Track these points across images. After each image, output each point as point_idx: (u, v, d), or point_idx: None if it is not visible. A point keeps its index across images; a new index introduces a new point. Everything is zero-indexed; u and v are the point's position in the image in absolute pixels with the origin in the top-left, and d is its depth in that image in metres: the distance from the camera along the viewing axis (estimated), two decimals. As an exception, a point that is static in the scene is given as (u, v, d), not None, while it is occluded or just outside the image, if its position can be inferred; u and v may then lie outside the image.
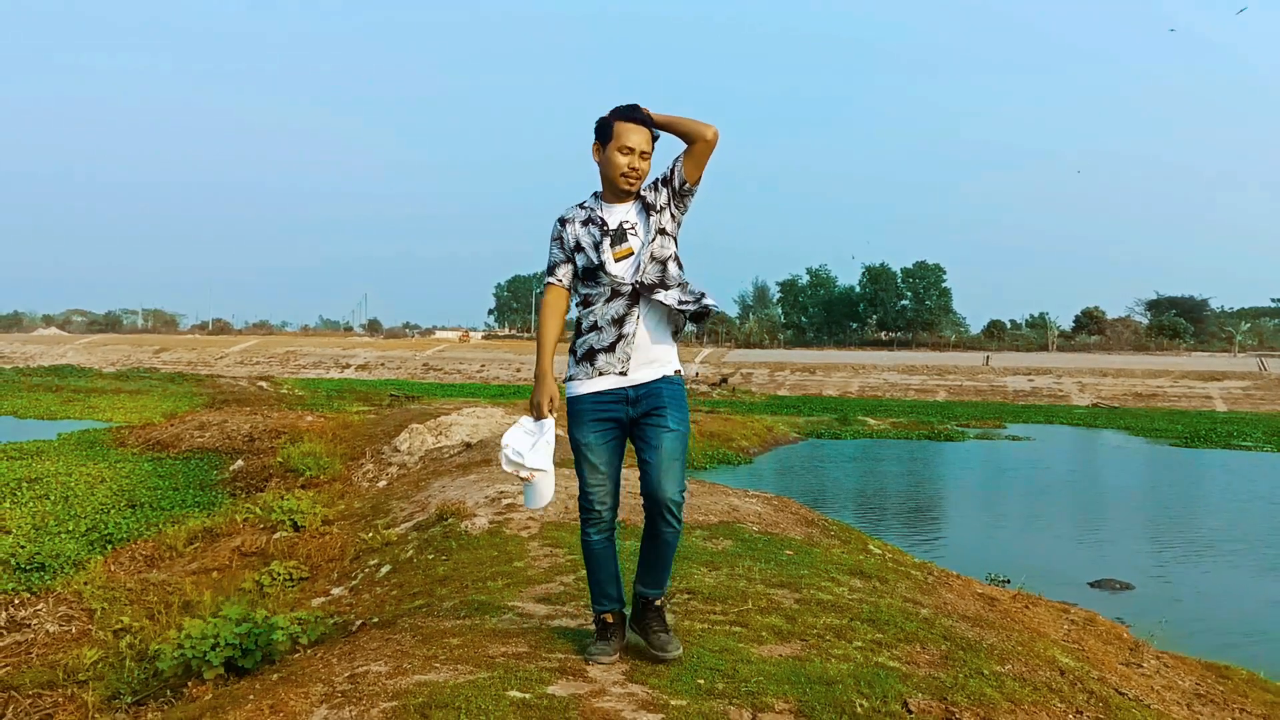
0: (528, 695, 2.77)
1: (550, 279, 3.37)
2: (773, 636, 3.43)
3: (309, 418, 18.38)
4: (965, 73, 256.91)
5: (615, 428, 3.25)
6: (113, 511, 10.54)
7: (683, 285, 3.30)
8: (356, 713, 2.60)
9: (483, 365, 61.50)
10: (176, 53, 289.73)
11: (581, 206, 3.38)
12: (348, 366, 63.73)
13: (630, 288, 3.22)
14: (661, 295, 3.22)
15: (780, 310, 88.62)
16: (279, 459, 12.37)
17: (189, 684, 3.72)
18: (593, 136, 3.33)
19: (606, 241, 3.24)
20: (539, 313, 3.43)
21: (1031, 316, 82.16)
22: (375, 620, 4.11)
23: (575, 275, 3.33)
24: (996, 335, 77.73)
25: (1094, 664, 4.19)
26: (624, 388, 3.22)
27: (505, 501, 6.72)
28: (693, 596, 4.04)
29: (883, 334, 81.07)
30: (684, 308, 3.24)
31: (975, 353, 63.57)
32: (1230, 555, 11.04)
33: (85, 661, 4.50)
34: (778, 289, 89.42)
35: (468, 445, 11.06)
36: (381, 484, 9.99)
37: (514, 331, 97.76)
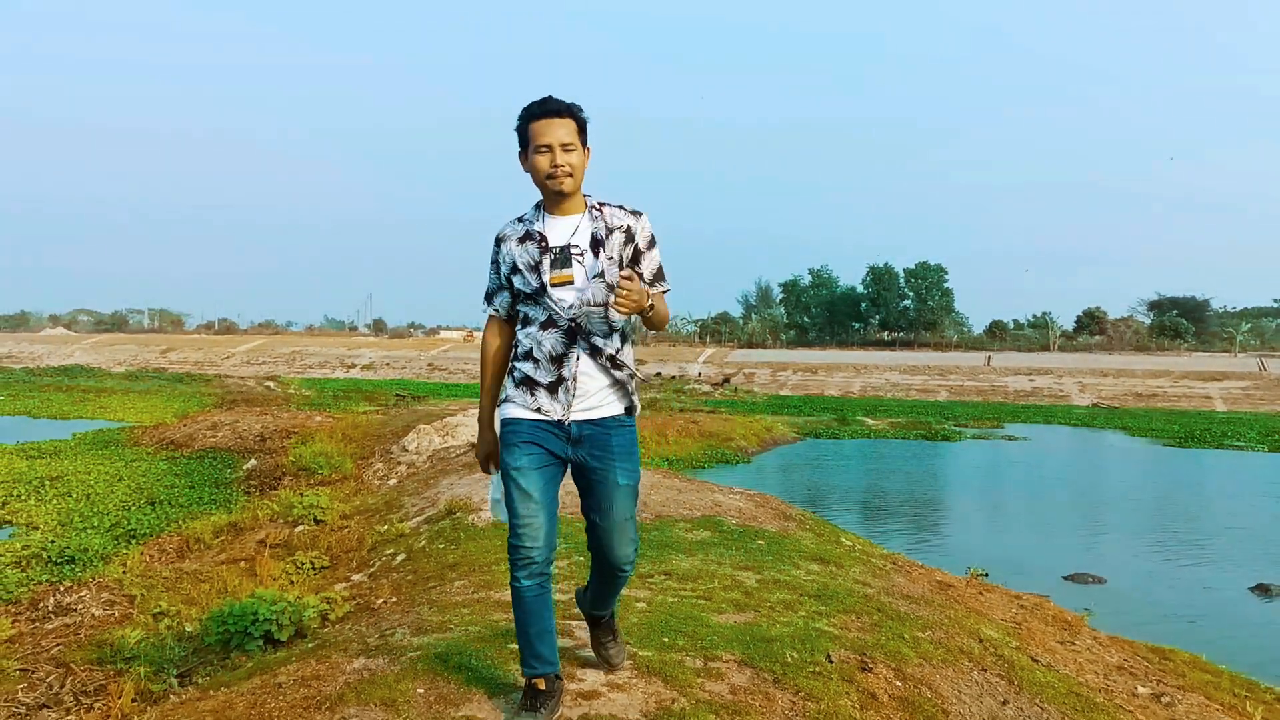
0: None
1: (487, 309, 3.08)
2: (731, 608, 3.99)
3: (318, 418, 18.90)
4: (967, 72, 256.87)
5: (552, 458, 2.89)
6: (133, 509, 11.06)
7: (625, 334, 2.99)
8: (388, 661, 3.21)
9: (487, 365, 62.05)
10: (177, 51, 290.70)
11: (520, 220, 3.00)
12: (353, 366, 64.21)
13: (567, 323, 2.87)
14: (601, 343, 2.90)
15: (783, 310, 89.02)
16: (291, 458, 12.89)
17: (231, 655, 4.22)
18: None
19: (546, 261, 2.88)
20: (481, 343, 3.12)
21: (1034, 316, 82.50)
22: (394, 600, 4.63)
23: (515, 300, 2.99)
24: (998, 335, 78.07)
25: (1024, 639, 4.70)
26: (565, 424, 2.89)
27: None
28: (669, 577, 4.59)
29: (885, 334, 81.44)
30: (619, 374, 2.92)
31: (977, 353, 63.90)
32: (1203, 551, 11.49)
33: (129, 641, 5.01)
34: (780, 289, 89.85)
35: (473, 445, 11.61)
36: (392, 482, 10.53)
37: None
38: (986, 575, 8.60)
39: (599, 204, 2.97)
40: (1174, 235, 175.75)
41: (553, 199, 2.92)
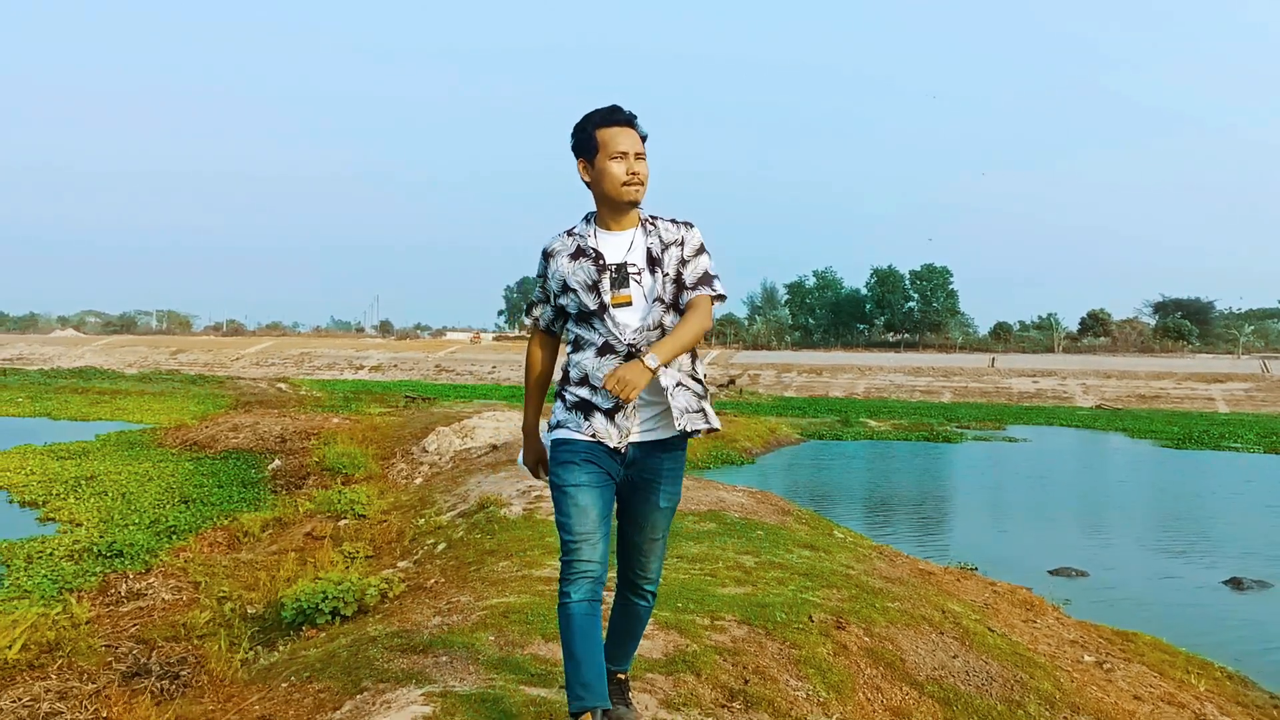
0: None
1: (527, 320, 3.03)
2: (733, 583, 4.75)
3: (335, 420, 19.49)
4: (966, 77, 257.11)
5: (608, 477, 2.81)
6: (168, 506, 11.64)
7: (694, 354, 2.88)
8: (459, 618, 3.97)
9: (494, 366, 62.64)
10: (177, 50, 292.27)
11: (569, 234, 2.89)
12: (361, 368, 64.84)
13: (626, 349, 2.76)
14: (665, 379, 2.76)
15: (788, 312, 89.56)
16: (315, 458, 13.48)
17: (303, 629, 4.81)
18: (572, 156, 2.87)
19: (606, 280, 2.78)
20: (526, 355, 3.06)
21: (1040, 318, 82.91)
22: (443, 581, 5.26)
23: (559, 315, 2.94)
24: (1003, 337, 78.50)
25: (988, 615, 5.33)
26: (623, 449, 2.82)
27: (534, 494, 7.97)
28: (680, 559, 5.32)
29: (889, 335, 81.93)
30: (688, 425, 2.78)
31: (981, 354, 64.34)
32: (1183, 547, 12.05)
33: (199, 621, 5.59)
34: (785, 291, 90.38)
35: (494, 447, 12.21)
36: (418, 481, 11.13)
37: (524, 333, 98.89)
38: (976, 569, 9.16)
39: (651, 217, 2.89)
40: (1181, 237, 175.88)
41: (613, 211, 2.83)
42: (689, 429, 2.77)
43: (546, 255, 2.89)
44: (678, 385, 2.78)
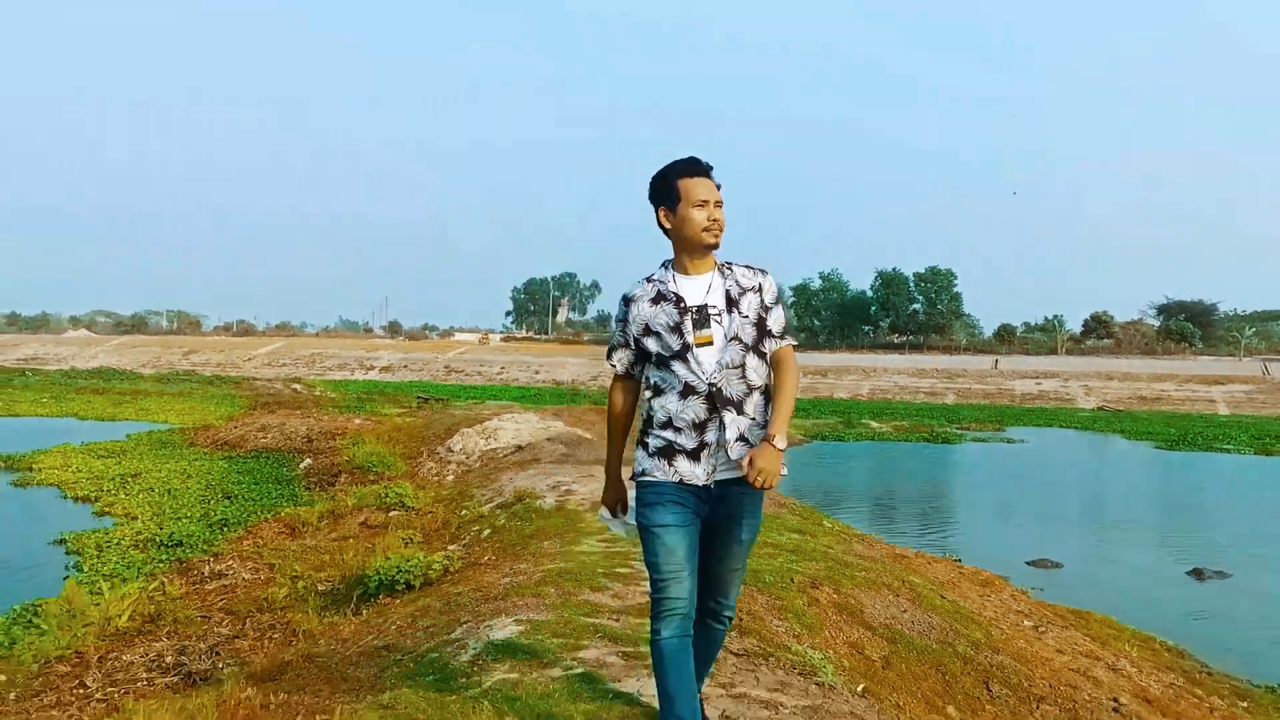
0: (610, 568, 5.49)
1: (609, 364, 3.10)
2: None
3: (357, 421, 20.35)
4: (969, 76, 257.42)
5: (694, 516, 2.93)
6: (212, 501, 12.48)
7: (766, 392, 2.98)
8: (523, 578, 4.94)
9: (502, 368, 63.32)
10: (179, 49, 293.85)
11: (649, 280, 3.01)
12: (371, 368, 65.58)
13: (707, 388, 2.88)
14: (743, 404, 2.90)
15: (793, 313, 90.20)
16: (345, 458, 14.32)
17: (379, 597, 5.64)
18: (651, 206, 3.00)
19: (688, 321, 2.90)
20: (609, 401, 3.15)
21: (1046, 319, 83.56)
22: (495, 558, 6.12)
23: (639, 359, 3.03)
24: (1007, 339, 79.12)
25: (946, 588, 6.24)
26: (709, 487, 2.92)
27: (564, 488, 8.89)
28: None
29: (895, 337, 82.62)
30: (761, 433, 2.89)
31: (985, 356, 64.96)
32: (1154, 541, 12.98)
33: (279, 595, 6.41)
34: (791, 292, 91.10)
35: (519, 448, 13.06)
36: (449, 479, 11.98)
37: (531, 334, 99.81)
38: (959, 560, 9.95)
39: (727, 263, 3.02)
40: (1186, 239, 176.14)
41: (692, 256, 2.96)
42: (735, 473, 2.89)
43: (627, 301, 3.02)
44: (738, 439, 2.89)
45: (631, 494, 3.04)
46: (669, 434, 2.92)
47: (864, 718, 3.62)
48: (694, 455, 2.89)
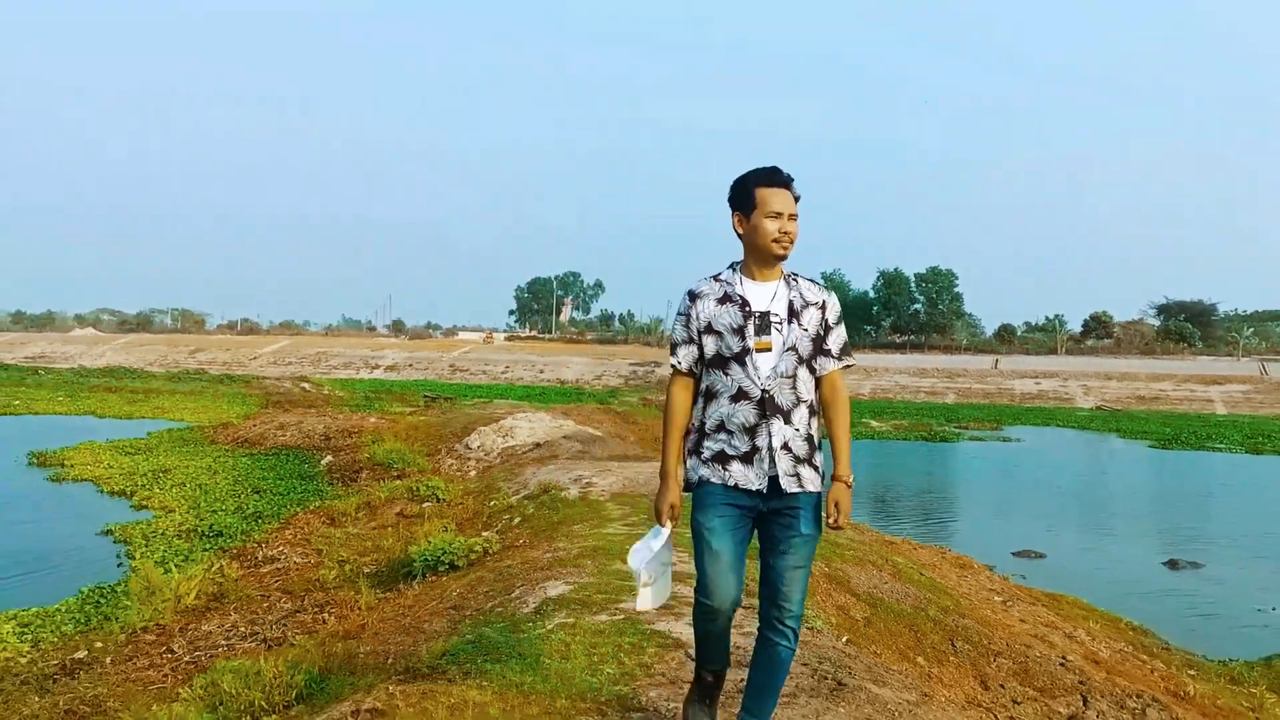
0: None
1: (673, 360, 3.08)
2: None
3: (373, 419, 20.98)
4: (970, 76, 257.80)
5: (745, 515, 2.98)
6: (243, 495, 13.13)
7: (811, 407, 3.06)
8: (564, 554, 5.60)
9: (507, 367, 63.86)
10: (179, 49, 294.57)
11: (716, 279, 3.06)
12: (377, 367, 66.12)
13: (760, 394, 2.94)
14: (792, 413, 2.99)
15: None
16: (366, 455, 14.98)
17: (425, 577, 6.29)
18: (729, 208, 3.05)
19: (751, 325, 2.95)
20: (666, 398, 3.13)
21: (1047, 319, 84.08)
22: (529, 542, 6.79)
23: (700, 359, 3.02)
24: (1007, 339, 79.65)
25: (927, 569, 6.93)
26: (762, 491, 2.97)
27: (585, 481, 9.62)
28: None
29: (896, 337, 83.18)
30: (786, 487, 2.97)
31: (985, 355, 65.47)
32: (1134, 533, 13.70)
33: (329, 577, 7.05)
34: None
35: (537, 445, 13.77)
36: (472, 474, 12.66)
37: (535, 333, 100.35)
38: (947, 549, 10.58)
39: (793, 275, 3.07)
40: (1186, 239, 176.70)
41: (761, 263, 3.01)
42: (786, 490, 2.98)
43: (693, 296, 3.05)
44: (783, 447, 2.99)
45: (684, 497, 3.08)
46: (722, 437, 2.99)
47: (846, 652, 4.38)
48: (747, 459, 2.96)
